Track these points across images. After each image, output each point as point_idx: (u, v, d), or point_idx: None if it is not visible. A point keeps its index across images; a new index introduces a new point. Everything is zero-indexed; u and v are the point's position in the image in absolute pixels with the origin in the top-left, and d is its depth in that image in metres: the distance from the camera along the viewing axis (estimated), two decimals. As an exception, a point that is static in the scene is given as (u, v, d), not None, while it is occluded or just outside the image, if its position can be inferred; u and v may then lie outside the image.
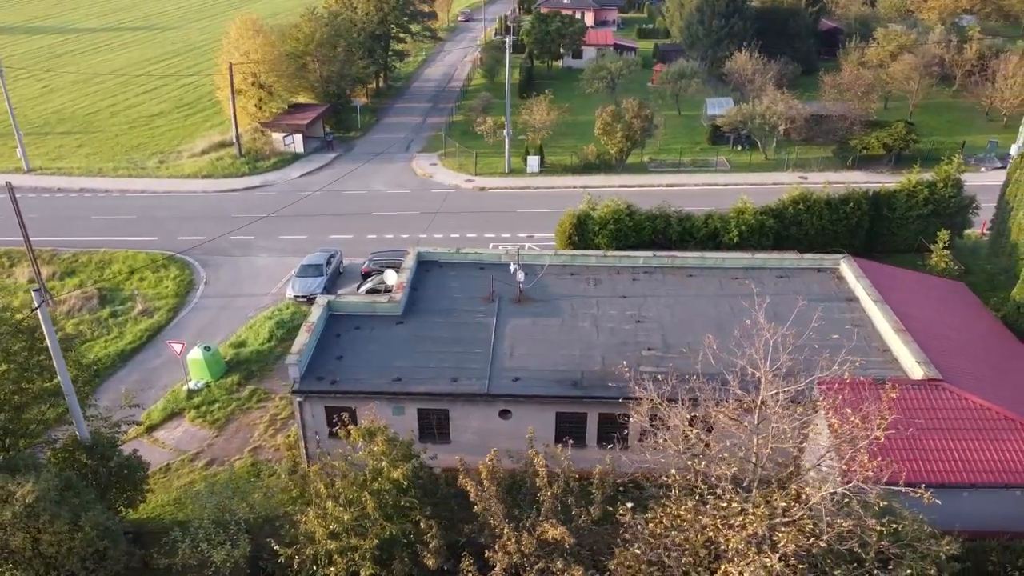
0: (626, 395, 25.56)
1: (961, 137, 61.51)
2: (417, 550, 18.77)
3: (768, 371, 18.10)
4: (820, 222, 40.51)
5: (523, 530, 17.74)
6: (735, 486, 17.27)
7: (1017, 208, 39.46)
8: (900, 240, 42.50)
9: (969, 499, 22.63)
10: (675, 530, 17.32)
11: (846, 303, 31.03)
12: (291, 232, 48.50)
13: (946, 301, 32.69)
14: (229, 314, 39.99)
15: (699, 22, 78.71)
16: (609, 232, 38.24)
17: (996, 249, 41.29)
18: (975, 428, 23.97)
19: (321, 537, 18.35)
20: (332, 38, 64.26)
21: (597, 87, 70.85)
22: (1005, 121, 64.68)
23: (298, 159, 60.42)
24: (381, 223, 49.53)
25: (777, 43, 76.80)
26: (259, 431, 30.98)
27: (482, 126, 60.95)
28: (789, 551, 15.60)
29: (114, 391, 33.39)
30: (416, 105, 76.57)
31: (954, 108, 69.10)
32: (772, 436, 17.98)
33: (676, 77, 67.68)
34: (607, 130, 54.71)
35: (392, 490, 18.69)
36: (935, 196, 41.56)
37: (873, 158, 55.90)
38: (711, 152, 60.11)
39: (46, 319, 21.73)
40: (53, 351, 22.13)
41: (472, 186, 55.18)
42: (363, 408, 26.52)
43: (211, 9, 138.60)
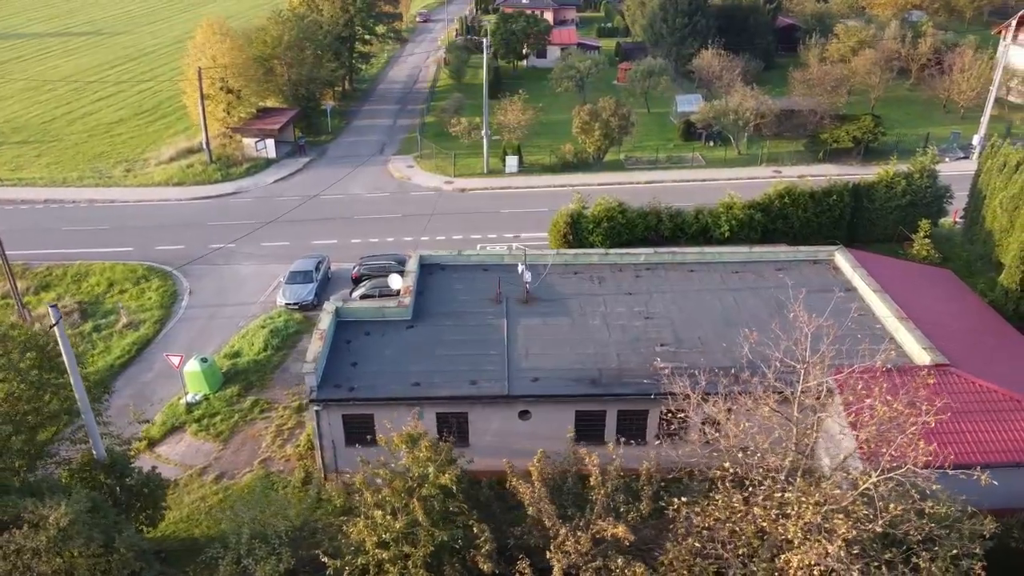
0: (647, 391, 25.95)
1: (921, 129, 63.44)
2: (465, 556, 18.64)
3: (815, 361, 18.38)
4: (805, 215, 41.40)
5: (577, 529, 17.76)
6: (787, 476, 17.54)
7: (990, 197, 40.88)
8: (880, 230, 43.66)
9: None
10: (728, 522, 17.52)
11: (844, 293, 31.71)
12: (273, 239, 47.66)
13: (937, 288, 33.71)
14: (218, 324, 39.14)
15: (662, 20, 79.59)
16: (603, 230, 38.50)
17: (971, 236, 42.71)
18: (985, 410, 24.77)
19: (371, 547, 18.08)
20: (300, 40, 63.30)
21: (566, 86, 71.17)
22: (962, 113, 66.89)
23: (271, 164, 59.40)
24: (364, 227, 49.00)
25: (738, 40, 78.08)
26: (266, 442, 30.40)
27: (457, 127, 60.72)
28: (849, 537, 15.91)
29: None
30: (384, 107, 75.92)
31: (913, 101, 71.20)
32: (817, 426, 18.31)
33: (645, 75, 68.34)
34: (585, 129, 55.02)
35: (439, 495, 18.53)
36: (912, 187, 42.81)
37: (843, 151, 57.30)
38: (684, 149, 60.87)
39: (63, 336, 20.99)
40: (70, 368, 21.40)
41: (452, 188, 54.96)
42: (381, 414, 26.28)
43: (159, 13, 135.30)
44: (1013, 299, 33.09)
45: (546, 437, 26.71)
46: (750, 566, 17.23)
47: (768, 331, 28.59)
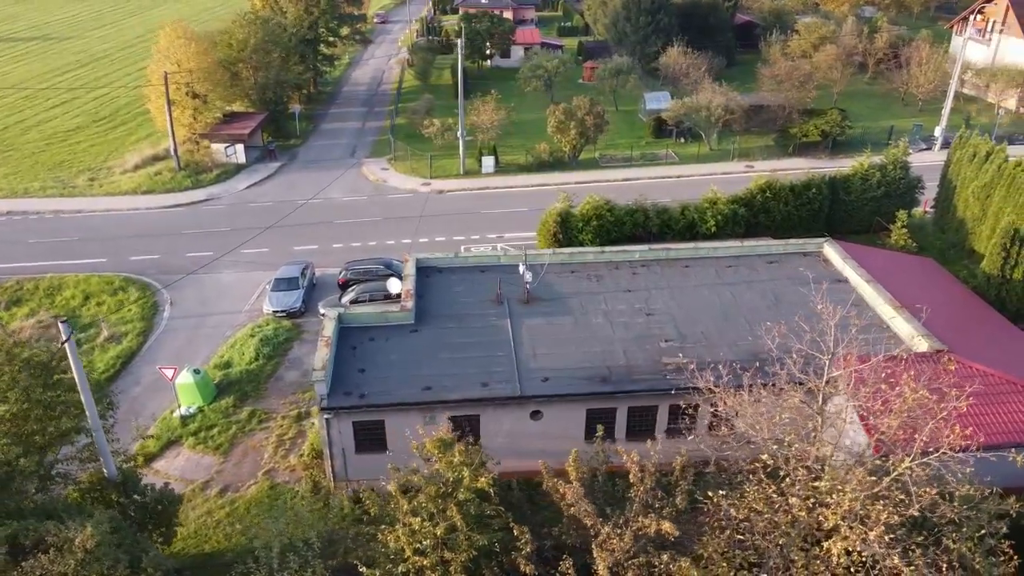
0: (662, 387, 26.21)
1: (882, 122, 65.21)
2: (501, 559, 18.56)
3: (848, 351, 18.72)
4: (786, 208, 42.19)
5: (618, 527, 17.82)
6: (823, 466, 17.84)
7: (961, 186, 42.20)
8: (856, 221, 44.71)
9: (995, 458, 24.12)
10: (767, 512, 17.75)
11: (836, 284, 32.39)
12: (252, 245, 46.75)
13: (921, 276, 34.65)
14: (204, 334, 38.30)
15: (625, 19, 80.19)
16: (592, 228, 38.68)
17: (942, 225, 44.01)
18: (985, 393, 25.52)
19: (410, 554, 17.88)
20: (266, 43, 62.24)
21: (535, 85, 71.30)
22: (920, 105, 68.82)
23: (241, 170, 58.29)
24: (344, 231, 48.44)
25: (699, 38, 79.05)
26: (268, 453, 29.88)
27: (429, 129, 60.38)
28: (892, 522, 16.26)
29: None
30: (351, 110, 75.09)
31: (872, 95, 73.03)
32: (847, 416, 18.66)
33: (613, 73, 68.85)
34: (560, 128, 55.21)
35: (474, 500, 18.42)
36: (886, 178, 43.94)
37: (811, 145, 58.51)
38: (656, 146, 61.48)
39: (73, 352, 20.31)
40: (81, 385, 20.73)
41: (429, 189, 54.63)
42: (392, 420, 26.06)
43: (106, 18, 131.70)
44: (995, 285, 34.18)
45: (557, 437, 26.89)
46: (788, 555, 17.46)
47: (765, 323, 29.30)
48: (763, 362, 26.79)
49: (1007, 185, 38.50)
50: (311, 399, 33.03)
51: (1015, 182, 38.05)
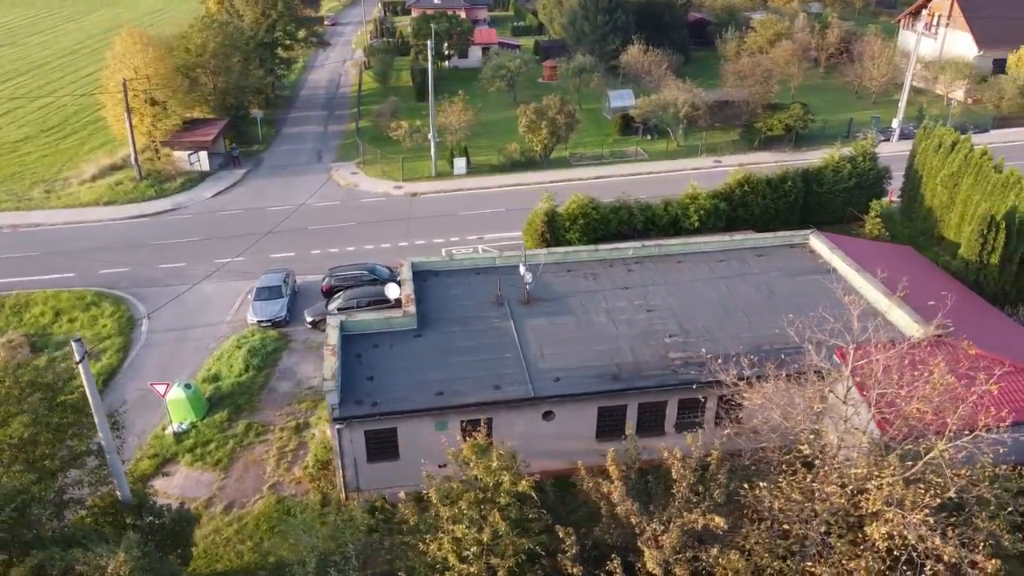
0: (666, 383, 26.47)
1: (838, 115, 66.81)
2: (544, 562, 18.46)
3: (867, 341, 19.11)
4: (764, 201, 42.92)
5: (663, 523, 17.89)
6: (865, 454, 18.19)
7: (928, 176, 43.50)
8: (828, 212, 45.74)
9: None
10: (805, 501, 18.03)
11: (825, 274, 33.09)
12: (225, 255, 45.68)
13: (903, 264, 35.57)
14: (187, 348, 37.26)
15: (583, 18, 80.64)
16: (579, 227, 38.78)
17: (909, 214, 45.28)
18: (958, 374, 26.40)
19: (455, 562, 17.65)
20: (226, 48, 60.81)
21: (499, 85, 71.21)
22: (873, 98, 70.83)
23: (206, 178, 56.86)
24: (321, 237, 47.64)
25: (655, 36, 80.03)
26: (271, 467, 29.20)
27: (397, 131, 59.82)
28: (934, 505, 16.67)
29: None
30: (311, 114, 73.89)
31: (827, 89, 74.83)
32: (874, 402, 19.07)
33: (577, 72, 69.20)
34: (532, 127, 55.24)
35: (515, 504, 18.29)
36: (857, 170, 45.09)
37: (775, 138, 59.72)
38: (624, 143, 61.98)
39: (87, 372, 19.52)
40: (94, 406, 19.93)
41: (403, 192, 54.11)
42: (405, 428, 25.74)
43: (42, 23, 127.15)
44: (973, 270, 35.34)
45: (569, 436, 26.96)
46: (828, 542, 17.75)
47: (764, 315, 29.90)
48: (769, 353, 27.40)
49: (974, 173, 39.78)
50: (307, 409, 32.46)
51: (982, 170, 39.38)
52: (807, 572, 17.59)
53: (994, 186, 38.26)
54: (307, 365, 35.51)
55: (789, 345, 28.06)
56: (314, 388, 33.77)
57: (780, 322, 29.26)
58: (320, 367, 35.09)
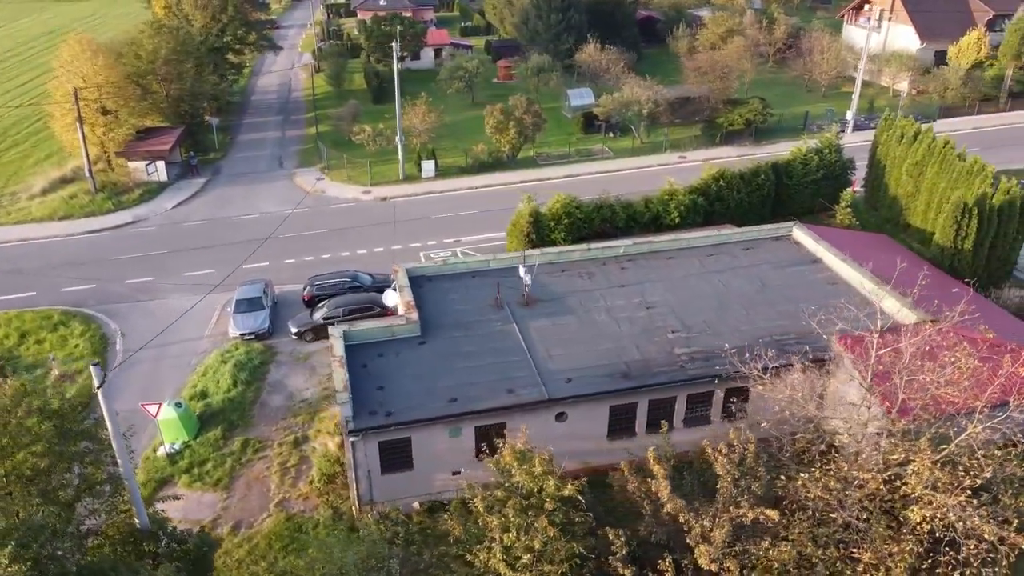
0: (676, 378, 26.70)
1: (792, 108, 68.45)
2: (590, 565, 18.39)
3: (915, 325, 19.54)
4: (739, 195, 43.67)
5: (712, 519, 18.00)
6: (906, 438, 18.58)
7: (892, 166, 44.85)
8: (798, 204, 46.76)
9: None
10: (843, 488, 18.36)
11: (812, 265, 33.88)
12: (195, 267, 44.32)
13: (881, 251, 36.63)
14: (167, 365, 36.00)
15: (537, 17, 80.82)
16: (564, 226, 38.81)
17: (874, 203, 46.63)
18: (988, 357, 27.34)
19: (506, 571, 17.42)
20: (179, 53, 58.98)
21: (457, 87, 70.80)
22: (823, 91, 72.78)
23: (165, 188, 55.04)
24: (293, 246, 46.59)
25: (606, 34, 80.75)
26: (275, 483, 28.42)
27: (360, 135, 58.97)
28: (975, 486, 17.17)
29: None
30: (266, 119, 72.24)
31: (778, 83, 76.56)
32: (901, 386, 19.53)
33: (536, 71, 69.31)
34: (500, 128, 55.07)
35: (560, 508, 18.16)
36: (824, 161, 46.24)
37: (736, 133, 60.85)
38: (587, 141, 62.29)
39: (106, 398, 18.63)
40: (113, 433, 19.07)
41: (372, 197, 53.35)
42: (419, 437, 25.36)
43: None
44: (948, 256, 36.59)
45: (582, 437, 26.95)
46: (867, 527, 18.09)
47: (760, 308, 30.39)
48: (770, 345, 27.89)
49: (939, 162, 41.19)
50: (304, 423, 31.72)
51: (947, 158, 40.81)
52: (851, 558, 17.92)
53: (959, 174, 39.65)
54: (297, 377, 34.70)
55: (788, 336, 28.83)
56: (307, 400, 33.05)
57: (777, 314, 30.07)
58: (310, 379, 34.62)
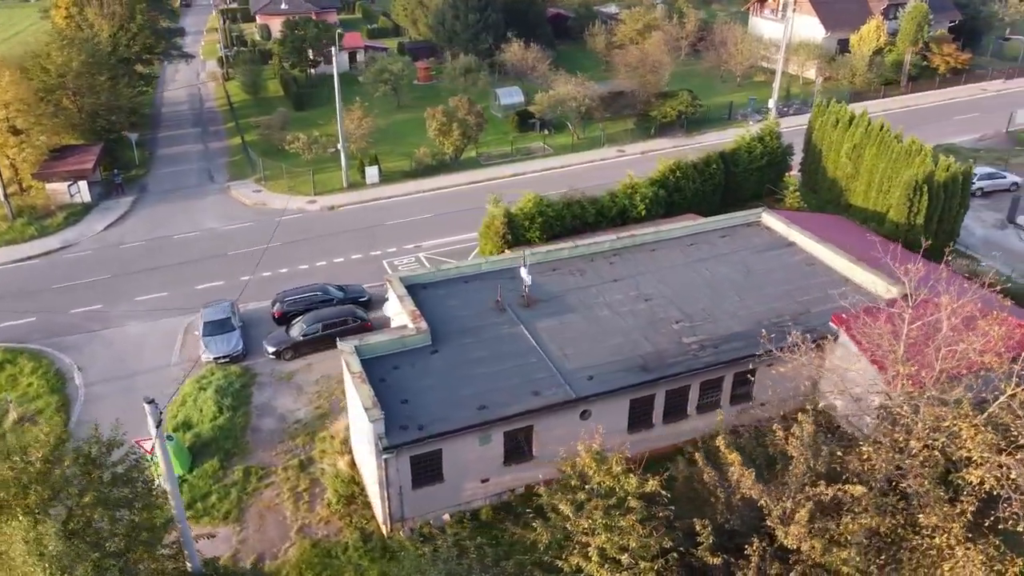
0: (693, 367, 27.25)
1: (712, 99, 70.85)
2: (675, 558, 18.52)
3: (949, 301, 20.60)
4: (694, 185, 44.89)
5: (791, 500, 18.49)
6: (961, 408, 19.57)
7: (829, 150, 47.13)
8: (745, 191, 48.55)
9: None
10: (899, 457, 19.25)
11: (787, 248, 35.26)
12: (146, 291, 41.88)
13: (843, 231, 38.50)
14: (138, 397, 33.64)
15: (454, 17, 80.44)
16: (538, 225, 38.86)
17: (813, 186, 48.88)
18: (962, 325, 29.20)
19: (602, 573, 17.35)
20: (92, 66, 55.40)
21: (384, 90, 69.59)
22: (738, 81, 75.72)
23: (91, 210, 51.61)
24: (246, 262, 44.59)
25: (522, 32, 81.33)
26: (290, 510, 27.25)
27: (294, 143, 57.14)
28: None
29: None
30: (183, 132, 68.77)
31: (694, 75, 78.95)
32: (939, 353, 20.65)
33: (463, 71, 69.00)
34: (443, 130, 54.52)
35: (642, 504, 18.26)
36: (767, 148, 48.16)
37: (668, 125, 62.52)
38: (525, 140, 62.49)
39: (162, 439, 17.38)
40: (168, 476, 17.82)
41: (318, 207, 51.78)
42: (449, 448, 24.90)
43: None
44: (902, 231, 38.83)
45: (604, 432, 27.01)
46: (929, 492, 19.02)
47: (751, 292, 31.43)
48: (770, 328, 28.93)
49: (877, 144, 43.60)
50: (304, 444, 30.55)
51: (884, 141, 43.27)
52: (913, 524, 18.81)
53: (898, 155, 42.12)
54: (285, 398, 33.37)
55: (784, 318, 29.92)
56: (302, 421, 31.86)
57: (768, 297, 31.17)
58: (299, 398, 33.44)
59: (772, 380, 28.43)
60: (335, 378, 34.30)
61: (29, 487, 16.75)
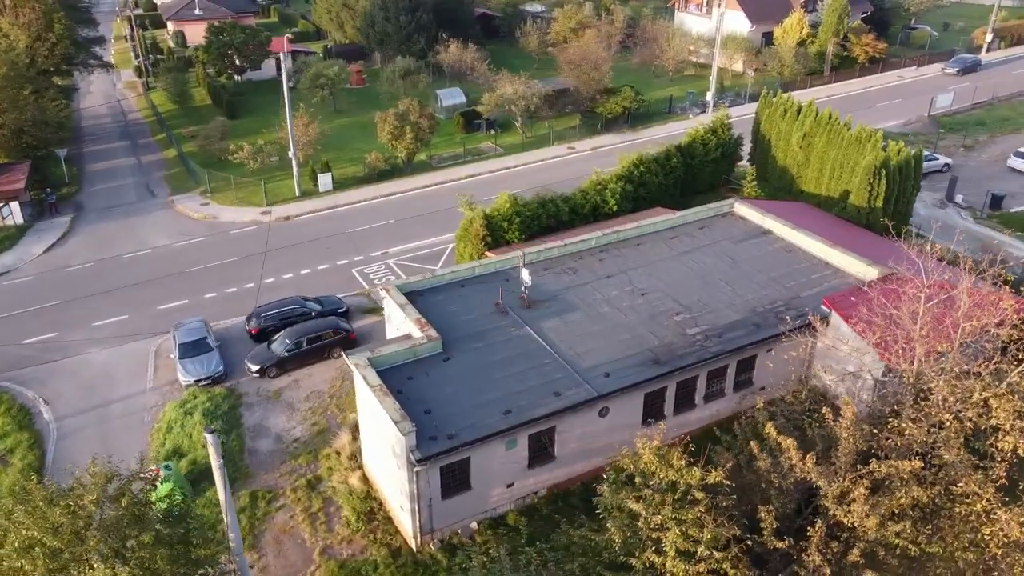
0: (702, 357, 27.78)
1: (649, 94, 72.15)
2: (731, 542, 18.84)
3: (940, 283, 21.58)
4: (657, 179, 45.70)
5: (848, 479, 19.05)
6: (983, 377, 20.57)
7: (779, 139, 48.85)
8: (702, 182, 49.78)
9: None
10: (939, 431, 20.15)
11: (764, 236, 36.31)
12: (102, 316, 39.69)
13: (808, 217, 39.93)
14: (116, 427, 32.14)
15: (385, 19, 79.38)
16: (517, 225, 38.76)
17: (763, 174, 50.51)
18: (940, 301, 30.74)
19: (683, 566, 17.47)
20: (14, 79, 52.02)
21: (322, 95, 67.97)
22: (671, 76, 77.45)
23: (26, 232, 48.48)
24: (207, 279, 42.88)
25: (453, 32, 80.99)
26: (307, 532, 26.36)
27: (238, 153, 55.21)
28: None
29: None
30: (110, 146, 65.29)
31: (626, 71, 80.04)
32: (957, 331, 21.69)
33: (403, 74, 68.14)
34: (396, 134, 53.67)
35: (706, 496, 18.50)
36: (720, 140, 49.47)
37: (613, 120, 63.41)
38: (471, 141, 62.15)
39: (221, 470, 16.47)
40: (227, 508, 16.93)
41: (273, 218, 50.14)
42: (478, 455, 24.61)
43: None
44: (864, 214, 40.56)
45: (620, 427, 27.37)
46: (961, 460, 19.94)
47: (741, 281, 32.26)
48: (765, 315, 29.84)
49: (827, 132, 45.42)
50: (308, 464, 29.62)
51: (834, 129, 45.11)
52: (958, 493, 19.70)
53: (848, 142, 44.00)
54: (277, 418, 32.24)
55: (777, 304, 30.87)
56: (301, 440, 30.86)
57: (757, 284, 32.07)
58: (293, 417, 32.52)
59: (771, 364, 29.59)
60: (327, 393, 33.44)
61: (86, 532, 15.61)
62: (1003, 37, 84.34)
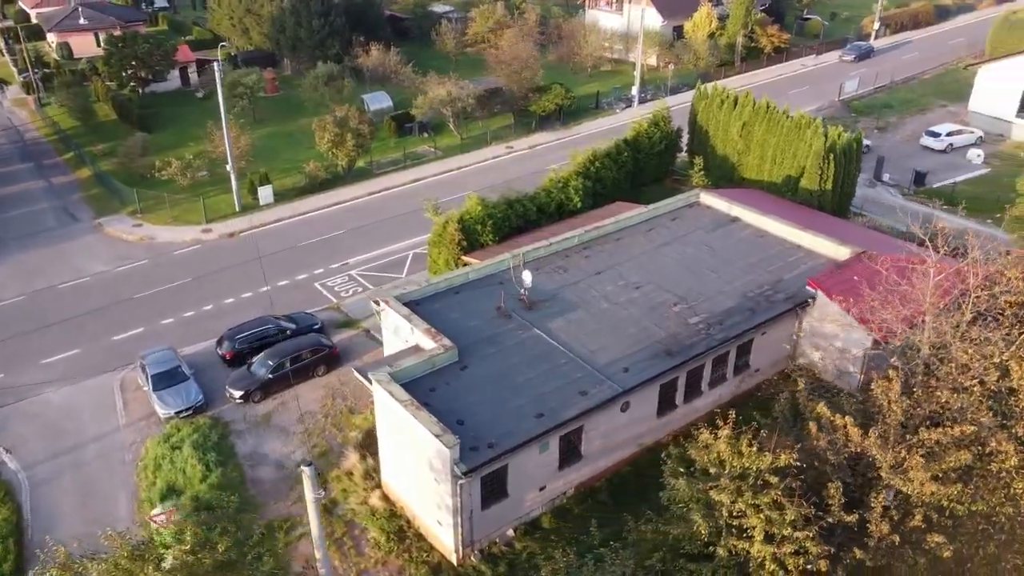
0: (711, 345, 28.51)
1: (574, 90, 73.15)
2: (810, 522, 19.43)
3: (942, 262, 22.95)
4: (611, 173, 46.39)
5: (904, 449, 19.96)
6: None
7: (718, 129, 50.52)
8: (648, 174, 50.89)
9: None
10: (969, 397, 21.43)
11: (733, 223, 37.51)
12: (50, 352, 36.88)
13: (766, 203, 41.49)
14: (96, 469, 30.00)
15: (297, 24, 76.99)
16: (490, 227, 38.48)
17: (705, 164, 52.05)
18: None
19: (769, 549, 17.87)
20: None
21: (242, 105, 65.23)
22: (589, 72, 78.68)
23: (-61, 267, 44.40)
24: (159, 303, 40.49)
25: (364, 35, 79.46)
26: (338, 559, 25.36)
27: (167, 169, 52.39)
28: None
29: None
30: (12, 169, 60.06)
31: (547, 67, 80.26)
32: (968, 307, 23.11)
33: (325, 80, 66.34)
34: (336, 142, 52.23)
35: (778, 478, 19.03)
36: (663, 133, 50.72)
37: (545, 118, 63.91)
38: (405, 145, 61.13)
39: (316, 510, 15.60)
40: (318, 544, 16.06)
41: (217, 235, 47.81)
42: (515, 463, 24.39)
43: None
44: (815, 197, 42.51)
45: (639, 421, 27.84)
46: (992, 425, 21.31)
47: (725, 269, 33.29)
48: (758, 299, 30.94)
49: (766, 121, 47.36)
50: (320, 487, 28.37)
51: (773, 117, 47.08)
52: (986, 452, 21.01)
53: (789, 129, 46.04)
54: (273, 443, 30.88)
55: (766, 288, 32.05)
56: (304, 462, 29.53)
57: (741, 271, 33.17)
58: (289, 441, 31.32)
59: (764, 346, 30.76)
60: (320, 413, 32.29)
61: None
62: (888, 25, 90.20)
